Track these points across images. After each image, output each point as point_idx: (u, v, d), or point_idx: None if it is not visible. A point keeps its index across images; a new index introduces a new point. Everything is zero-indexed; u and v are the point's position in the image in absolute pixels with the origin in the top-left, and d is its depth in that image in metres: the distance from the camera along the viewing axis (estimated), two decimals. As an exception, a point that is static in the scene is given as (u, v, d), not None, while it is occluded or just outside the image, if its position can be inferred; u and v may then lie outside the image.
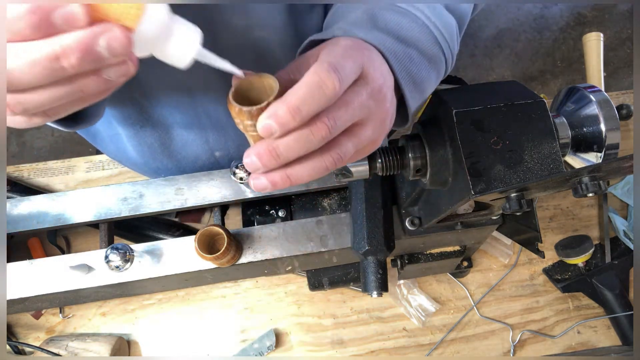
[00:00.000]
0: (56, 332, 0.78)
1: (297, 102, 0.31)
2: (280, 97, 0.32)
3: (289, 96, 0.31)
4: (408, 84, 0.42)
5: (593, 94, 0.47)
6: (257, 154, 0.33)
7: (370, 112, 0.36)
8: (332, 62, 0.32)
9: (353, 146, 0.36)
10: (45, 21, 0.23)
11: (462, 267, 0.78)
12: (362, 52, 0.37)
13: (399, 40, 0.42)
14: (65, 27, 0.24)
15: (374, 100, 0.36)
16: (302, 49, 0.45)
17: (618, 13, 2.26)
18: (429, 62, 0.44)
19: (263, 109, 0.31)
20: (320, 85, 0.31)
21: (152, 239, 0.63)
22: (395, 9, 0.43)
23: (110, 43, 0.25)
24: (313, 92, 0.31)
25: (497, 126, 0.42)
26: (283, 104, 0.31)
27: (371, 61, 0.37)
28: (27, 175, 0.85)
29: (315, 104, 0.31)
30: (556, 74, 2.14)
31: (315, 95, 0.31)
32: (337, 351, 0.79)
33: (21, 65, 0.24)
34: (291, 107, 0.31)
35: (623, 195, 0.88)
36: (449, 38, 0.45)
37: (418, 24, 0.43)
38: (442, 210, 0.49)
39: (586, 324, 0.81)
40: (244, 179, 0.59)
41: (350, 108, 0.34)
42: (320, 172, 0.35)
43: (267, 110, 0.31)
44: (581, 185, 0.37)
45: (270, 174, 0.35)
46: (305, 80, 0.31)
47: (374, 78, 0.36)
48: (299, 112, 0.31)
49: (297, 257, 0.60)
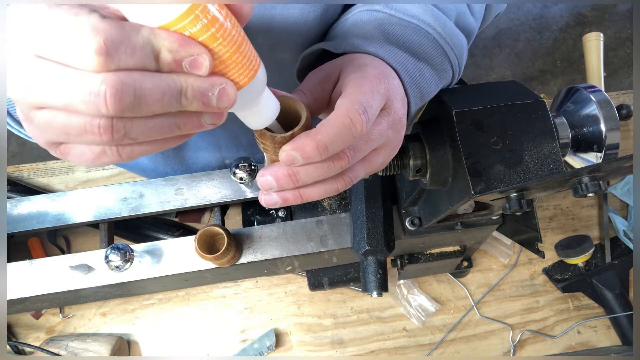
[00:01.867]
0: (56, 332, 0.78)
1: (326, 140, 0.31)
2: (307, 131, 0.32)
3: (319, 134, 0.31)
4: (415, 98, 0.42)
5: (593, 94, 0.47)
6: (275, 177, 0.34)
7: (387, 140, 0.37)
8: (364, 103, 0.33)
9: (364, 170, 0.37)
10: (177, 62, 0.26)
11: (462, 267, 0.78)
12: (388, 82, 0.37)
13: (411, 54, 0.42)
14: (190, 70, 0.26)
15: (393, 130, 0.37)
16: (309, 53, 0.45)
17: (618, 13, 2.26)
18: (439, 77, 0.44)
19: (287, 139, 0.32)
20: (350, 127, 0.32)
21: (152, 239, 0.63)
22: (406, 25, 0.43)
23: (222, 95, 0.27)
24: (342, 133, 0.32)
25: (497, 126, 0.42)
26: (312, 141, 0.31)
27: (395, 92, 0.38)
28: (27, 175, 0.85)
29: (343, 143, 0.32)
30: (556, 74, 2.14)
31: (344, 136, 0.32)
32: (337, 351, 0.79)
33: (153, 90, 0.25)
34: (320, 145, 0.31)
35: (623, 195, 0.88)
36: (458, 55, 0.45)
37: (429, 39, 0.43)
38: (442, 210, 0.49)
39: (586, 324, 0.81)
40: (244, 179, 0.59)
41: (370, 140, 0.35)
42: (331, 192, 0.36)
43: (294, 142, 0.32)
44: (581, 185, 0.37)
45: (283, 192, 0.36)
46: (337, 121, 0.32)
47: (396, 109, 0.37)
48: (326, 150, 0.32)
49: (297, 257, 0.60)
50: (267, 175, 0.34)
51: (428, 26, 0.43)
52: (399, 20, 0.44)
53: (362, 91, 0.34)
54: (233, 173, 0.59)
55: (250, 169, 0.58)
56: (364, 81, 0.35)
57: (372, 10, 0.45)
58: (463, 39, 0.46)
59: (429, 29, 0.43)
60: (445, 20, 0.44)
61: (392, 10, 0.44)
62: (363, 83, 0.35)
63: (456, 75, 0.47)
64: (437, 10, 0.44)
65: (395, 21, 0.44)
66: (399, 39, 0.43)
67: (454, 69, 0.46)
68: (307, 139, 0.31)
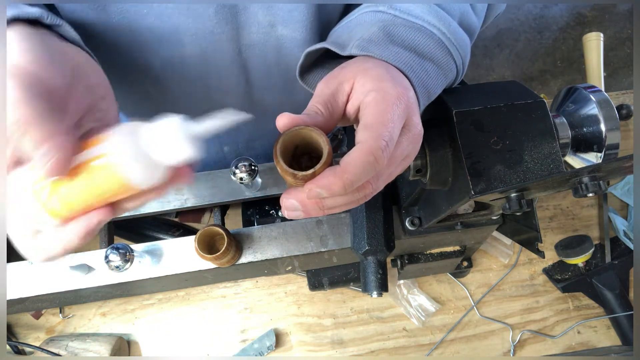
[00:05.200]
0: (56, 332, 0.78)
1: (352, 178, 0.33)
2: (332, 168, 0.33)
3: (346, 173, 0.32)
4: (423, 98, 0.42)
5: (593, 94, 0.47)
6: (301, 203, 0.35)
7: (408, 155, 0.38)
8: (386, 137, 0.34)
9: (384, 183, 0.38)
10: None
11: (462, 267, 0.78)
12: (407, 98, 0.37)
13: (416, 55, 0.42)
14: None
15: (413, 144, 0.38)
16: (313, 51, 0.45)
17: (618, 13, 2.26)
18: (445, 76, 0.44)
19: (309, 177, 0.33)
20: (374, 164, 0.33)
21: (152, 239, 0.63)
22: (410, 26, 0.44)
23: None
24: (367, 169, 0.33)
25: (497, 126, 0.42)
26: (340, 180, 0.32)
27: (413, 106, 0.38)
28: (27, 175, 0.85)
29: (367, 177, 0.34)
30: (556, 74, 2.14)
31: (368, 172, 0.33)
32: (337, 351, 0.79)
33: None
34: (347, 183, 0.32)
35: (623, 195, 0.88)
36: (462, 54, 0.45)
37: (434, 39, 0.43)
38: (442, 210, 0.49)
39: (586, 324, 0.81)
40: (244, 179, 0.59)
41: (393, 164, 0.37)
42: (351, 206, 0.37)
43: (320, 180, 0.33)
44: (581, 185, 0.37)
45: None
46: (362, 159, 0.33)
47: (415, 124, 0.38)
48: (351, 186, 0.33)
49: (297, 257, 0.60)
50: (291, 199, 0.35)
51: (432, 26, 0.44)
52: (403, 21, 0.44)
53: (383, 122, 0.34)
54: (233, 173, 0.59)
55: (250, 169, 0.58)
56: (385, 106, 0.35)
57: (377, 11, 0.45)
58: (466, 37, 0.47)
59: (434, 29, 0.44)
60: (450, 20, 0.45)
61: (397, 11, 0.44)
62: (384, 110, 0.35)
63: (460, 74, 0.47)
64: (441, 10, 0.45)
65: (399, 22, 0.44)
66: (404, 40, 0.43)
67: (458, 68, 0.46)
68: (335, 179, 0.32)
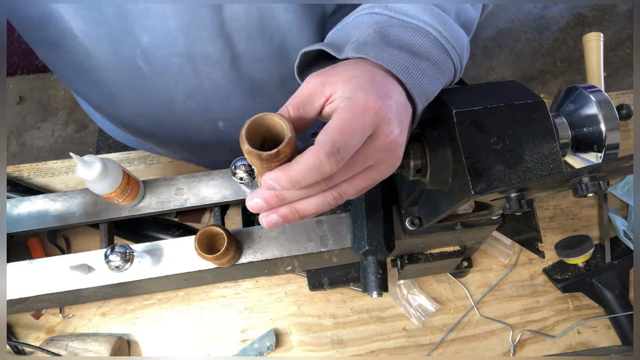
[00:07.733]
0: (56, 332, 0.78)
1: (297, 176, 0.34)
2: (283, 166, 0.35)
3: (291, 171, 0.34)
4: (421, 98, 0.42)
5: (593, 94, 0.47)
6: (263, 198, 0.38)
7: (377, 161, 0.39)
8: (338, 144, 0.34)
9: (354, 188, 0.39)
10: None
11: (462, 267, 0.78)
12: (378, 108, 0.37)
13: (412, 55, 0.42)
14: None
15: (383, 151, 0.38)
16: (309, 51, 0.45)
17: (618, 13, 2.26)
18: (442, 75, 0.44)
19: (273, 155, 0.34)
20: (319, 167, 0.34)
21: (152, 239, 0.63)
22: (406, 26, 0.44)
23: None
24: (312, 171, 0.34)
25: (497, 126, 0.42)
26: (285, 176, 0.34)
27: (388, 115, 0.37)
28: (27, 175, 0.85)
29: (313, 179, 0.35)
30: (556, 74, 2.14)
31: (313, 174, 0.34)
32: (337, 351, 0.79)
33: None
34: (292, 180, 0.34)
35: (623, 195, 0.88)
36: (459, 52, 0.45)
37: (430, 38, 0.43)
38: (442, 210, 0.49)
39: (586, 324, 0.81)
40: (244, 179, 0.59)
41: (351, 167, 0.37)
42: (325, 207, 0.39)
43: (271, 174, 0.35)
44: (581, 185, 0.37)
45: (280, 209, 0.39)
46: (307, 161, 0.34)
47: (386, 133, 0.38)
48: (298, 184, 0.35)
49: (297, 257, 0.60)
50: (255, 198, 0.38)
51: (428, 25, 0.44)
52: (399, 21, 0.44)
53: (341, 129, 0.35)
54: (233, 173, 0.59)
55: (250, 168, 0.58)
56: (349, 115, 0.36)
57: (372, 13, 0.45)
58: (464, 35, 0.46)
59: (429, 28, 0.44)
60: (446, 18, 0.45)
61: (392, 12, 0.44)
62: (347, 118, 0.35)
63: (458, 72, 0.47)
64: (437, 8, 0.45)
65: (395, 22, 0.44)
66: (400, 41, 0.43)
67: (455, 66, 0.46)
68: (282, 174, 0.35)
